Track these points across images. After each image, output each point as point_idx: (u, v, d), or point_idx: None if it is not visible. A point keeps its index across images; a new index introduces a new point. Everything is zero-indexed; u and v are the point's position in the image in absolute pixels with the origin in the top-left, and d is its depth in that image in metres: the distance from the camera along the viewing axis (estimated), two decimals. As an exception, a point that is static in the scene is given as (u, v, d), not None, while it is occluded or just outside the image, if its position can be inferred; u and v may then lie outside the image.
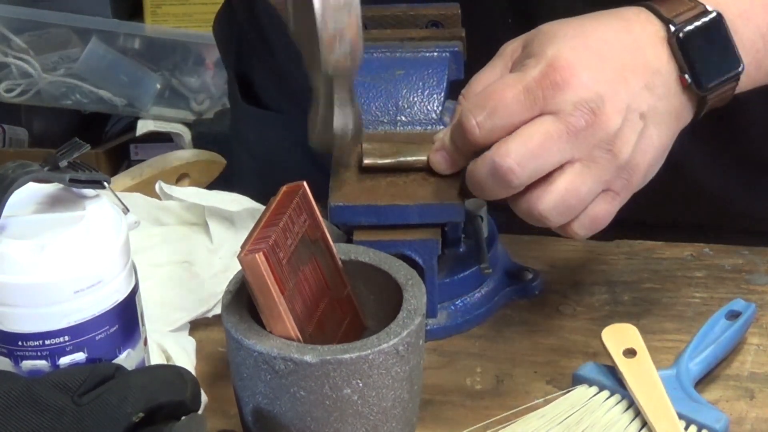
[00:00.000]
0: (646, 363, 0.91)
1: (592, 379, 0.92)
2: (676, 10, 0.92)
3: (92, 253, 0.79)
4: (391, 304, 0.84)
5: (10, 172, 0.79)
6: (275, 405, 0.81)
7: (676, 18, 0.92)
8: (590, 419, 0.89)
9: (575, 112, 0.88)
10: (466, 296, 1.01)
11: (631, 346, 0.92)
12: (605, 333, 0.93)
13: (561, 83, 0.88)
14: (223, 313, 0.83)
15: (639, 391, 0.89)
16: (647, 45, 0.91)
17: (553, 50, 0.89)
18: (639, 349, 0.92)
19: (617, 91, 0.89)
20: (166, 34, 2.40)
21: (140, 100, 2.40)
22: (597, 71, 0.89)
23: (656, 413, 0.88)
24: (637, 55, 0.91)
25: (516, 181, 0.88)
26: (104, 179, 0.83)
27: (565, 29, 0.92)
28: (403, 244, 0.95)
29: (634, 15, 0.93)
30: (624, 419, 0.89)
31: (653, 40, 0.92)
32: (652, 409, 0.88)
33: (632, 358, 0.91)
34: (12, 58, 2.37)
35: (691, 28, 0.91)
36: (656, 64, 0.91)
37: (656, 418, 0.88)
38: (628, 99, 0.89)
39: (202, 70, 2.40)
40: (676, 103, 0.92)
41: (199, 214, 1.10)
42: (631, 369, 0.90)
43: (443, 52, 1.02)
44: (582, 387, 0.92)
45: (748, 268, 1.07)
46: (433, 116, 1.01)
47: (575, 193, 0.89)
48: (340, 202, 0.95)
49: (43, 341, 0.79)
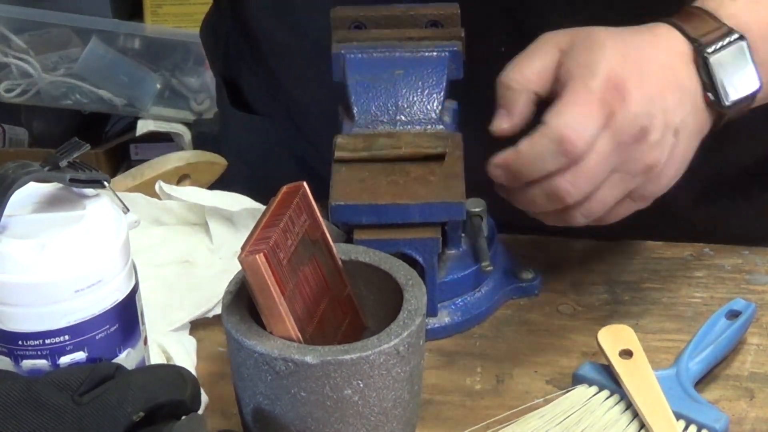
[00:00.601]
0: (643, 364, 0.91)
1: (592, 379, 0.92)
2: (702, 30, 0.95)
3: (92, 253, 0.79)
4: (392, 305, 0.84)
5: (10, 172, 0.79)
6: (276, 406, 0.81)
7: (703, 38, 0.95)
8: (590, 419, 0.89)
9: (628, 128, 0.90)
10: (466, 295, 1.02)
11: (627, 347, 0.92)
12: (601, 334, 0.93)
13: (620, 98, 0.90)
14: (223, 314, 0.83)
15: (636, 391, 0.89)
16: (678, 63, 0.94)
17: (606, 62, 0.91)
18: (635, 349, 0.92)
19: (659, 108, 0.92)
20: (166, 34, 2.40)
21: (140, 100, 2.40)
22: (644, 86, 0.91)
23: (653, 414, 0.88)
24: (670, 72, 0.94)
25: (571, 201, 0.92)
26: (104, 178, 0.83)
27: (610, 39, 0.94)
28: (404, 242, 0.95)
29: (665, 32, 0.96)
30: (623, 419, 0.89)
31: (683, 58, 0.95)
32: (649, 410, 0.88)
33: (629, 359, 0.91)
34: (12, 58, 2.36)
35: (715, 48, 0.94)
36: (685, 81, 0.94)
37: (653, 418, 0.88)
38: (666, 116, 0.92)
39: (202, 70, 2.40)
40: (701, 119, 0.95)
41: (200, 214, 1.10)
42: (627, 370, 0.91)
43: (442, 51, 1.02)
44: (582, 387, 0.92)
45: (748, 268, 1.07)
46: (432, 116, 1.01)
47: (603, 203, 0.93)
48: (341, 200, 0.95)
49: (44, 340, 0.79)
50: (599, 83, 0.91)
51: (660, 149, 0.92)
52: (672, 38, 0.95)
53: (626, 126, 0.90)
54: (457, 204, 0.95)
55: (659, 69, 0.94)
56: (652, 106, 0.91)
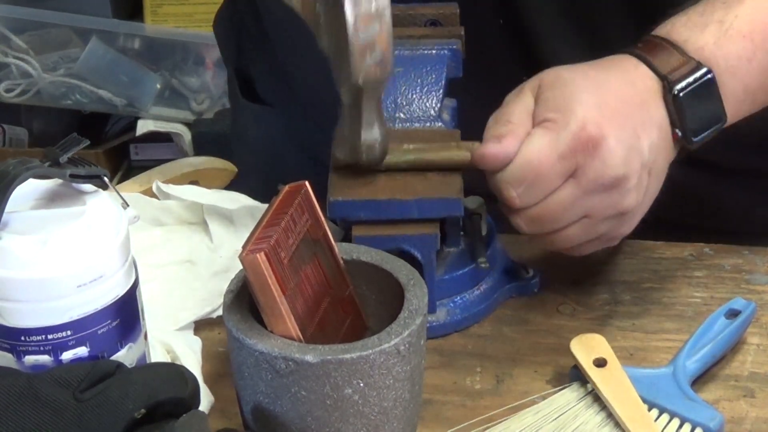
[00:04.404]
0: (618, 371, 0.91)
1: (589, 377, 0.92)
2: (670, 65, 0.95)
3: (94, 248, 0.80)
4: (393, 304, 0.84)
5: (11, 168, 0.79)
6: (276, 404, 0.81)
7: (671, 74, 0.94)
8: (585, 416, 0.90)
9: (600, 179, 0.91)
10: (465, 293, 1.02)
11: (600, 355, 0.92)
12: (573, 344, 0.93)
13: (592, 150, 0.91)
14: (224, 313, 0.83)
15: (614, 399, 0.89)
16: (650, 100, 0.94)
17: (581, 110, 0.91)
18: (609, 357, 0.92)
19: (635, 152, 0.92)
20: (166, 34, 2.40)
21: (140, 100, 2.40)
22: (619, 132, 0.91)
23: (634, 421, 0.88)
24: (643, 111, 0.94)
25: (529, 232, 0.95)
26: (103, 174, 0.84)
27: (584, 82, 0.93)
28: (402, 238, 0.95)
29: (633, 67, 0.95)
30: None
31: (653, 95, 0.95)
32: (629, 417, 0.88)
33: (603, 368, 0.91)
34: (12, 58, 2.36)
35: (684, 84, 0.94)
36: (657, 119, 0.94)
37: (634, 425, 0.87)
38: (641, 159, 0.92)
39: (202, 70, 2.40)
40: (670, 154, 0.96)
41: (199, 214, 1.10)
42: (603, 378, 0.90)
43: (442, 49, 1.02)
44: (577, 384, 0.92)
45: (748, 268, 1.07)
46: (431, 113, 1.01)
47: (569, 241, 0.95)
48: (339, 197, 0.95)
49: (46, 336, 0.79)
50: (569, 135, 0.91)
51: (636, 193, 0.93)
52: (641, 74, 0.95)
53: (596, 178, 0.91)
54: (456, 200, 0.95)
55: (633, 108, 0.93)
56: (630, 152, 0.91)
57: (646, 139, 0.93)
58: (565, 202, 0.92)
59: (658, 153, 0.94)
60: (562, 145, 0.91)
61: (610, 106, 0.92)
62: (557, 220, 0.93)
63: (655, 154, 0.94)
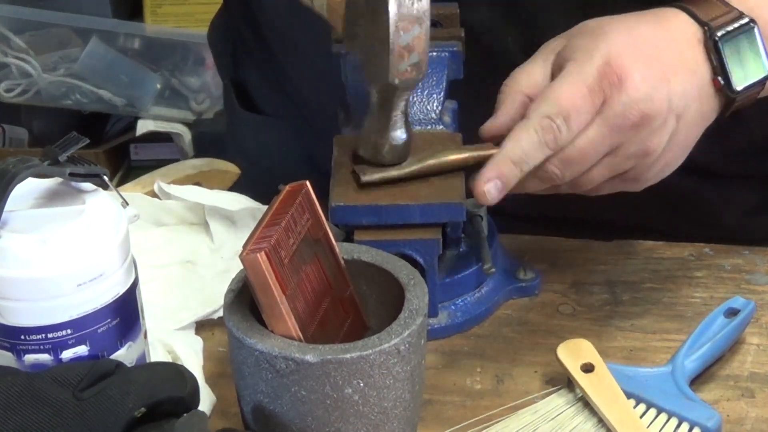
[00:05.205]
0: (605, 376, 0.90)
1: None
2: (712, 14, 0.94)
3: (93, 247, 0.80)
4: (394, 304, 0.84)
5: (10, 167, 0.79)
6: (276, 404, 0.81)
7: (713, 21, 0.93)
8: (583, 415, 0.90)
9: (625, 112, 0.90)
10: (466, 296, 1.01)
11: (588, 360, 0.91)
12: (560, 350, 0.92)
13: (618, 83, 0.90)
14: (225, 312, 0.83)
15: (603, 404, 0.89)
16: (685, 46, 0.93)
17: (606, 46, 0.91)
18: (596, 363, 0.91)
19: (662, 93, 0.91)
20: (166, 34, 2.40)
21: (140, 100, 2.40)
22: (646, 71, 0.90)
23: (623, 425, 0.88)
24: (676, 55, 0.93)
25: (559, 183, 0.92)
26: (103, 172, 0.84)
27: (613, 25, 0.93)
28: (404, 243, 0.95)
29: (673, 15, 0.95)
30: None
31: (691, 41, 0.93)
32: (619, 422, 0.88)
33: (591, 373, 0.91)
34: (12, 58, 2.36)
35: (726, 32, 0.93)
36: (693, 65, 0.93)
37: (624, 429, 0.87)
38: (669, 101, 0.91)
39: (202, 70, 2.40)
40: (707, 105, 0.94)
41: (200, 214, 1.10)
42: (591, 384, 0.90)
43: (442, 51, 1.02)
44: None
45: (748, 268, 1.07)
46: (432, 116, 1.01)
47: (591, 181, 0.93)
48: (341, 202, 0.95)
49: (46, 335, 0.79)
50: (594, 69, 0.90)
51: (660, 135, 0.91)
52: (680, 21, 0.94)
53: (623, 112, 0.90)
54: (458, 205, 0.95)
55: (664, 52, 0.92)
56: (655, 91, 0.90)
57: (678, 84, 0.92)
58: (595, 141, 0.90)
59: (691, 101, 0.93)
60: (589, 77, 0.90)
61: (637, 46, 0.91)
62: (587, 160, 0.91)
63: (687, 101, 0.92)
